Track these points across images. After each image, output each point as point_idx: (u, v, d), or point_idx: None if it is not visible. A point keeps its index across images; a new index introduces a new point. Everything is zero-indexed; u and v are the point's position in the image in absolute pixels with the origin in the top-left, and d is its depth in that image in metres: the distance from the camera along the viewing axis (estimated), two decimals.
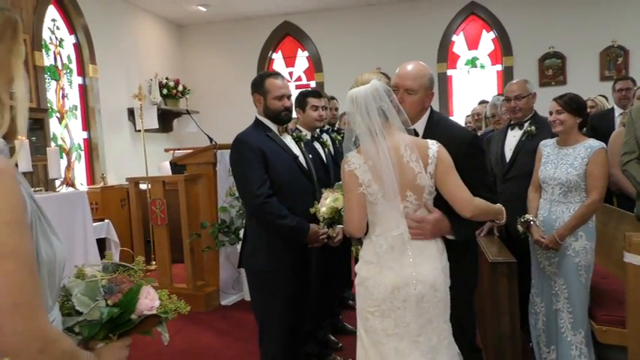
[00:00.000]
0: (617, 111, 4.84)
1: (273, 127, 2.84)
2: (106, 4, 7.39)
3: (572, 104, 2.97)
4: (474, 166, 2.22)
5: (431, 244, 2.13)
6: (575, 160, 2.93)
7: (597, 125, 4.47)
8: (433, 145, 2.09)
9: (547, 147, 3.12)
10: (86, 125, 7.16)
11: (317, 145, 3.66)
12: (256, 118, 2.90)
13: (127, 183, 5.49)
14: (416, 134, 2.25)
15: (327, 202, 2.49)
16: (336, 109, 4.89)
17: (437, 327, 2.11)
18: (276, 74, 2.92)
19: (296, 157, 2.83)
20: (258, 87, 2.84)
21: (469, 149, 2.23)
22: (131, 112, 7.69)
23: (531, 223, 3.05)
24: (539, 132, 3.34)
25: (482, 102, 6.61)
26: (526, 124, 3.47)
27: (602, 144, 2.97)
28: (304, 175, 2.85)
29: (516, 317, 3.01)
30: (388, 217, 2.08)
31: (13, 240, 0.90)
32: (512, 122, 3.59)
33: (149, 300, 1.25)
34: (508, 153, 3.51)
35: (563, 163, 2.98)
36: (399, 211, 2.07)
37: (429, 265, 2.09)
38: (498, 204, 2.25)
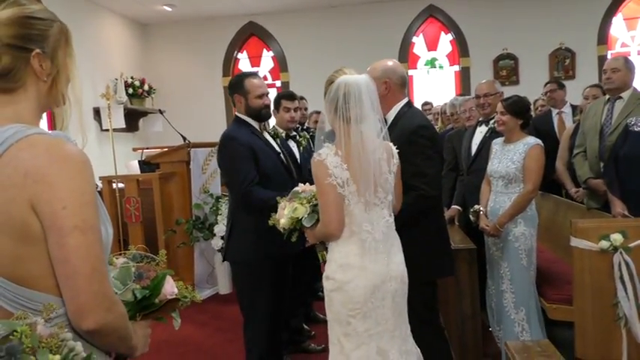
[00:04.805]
0: (554, 111, 5.21)
1: (255, 124, 2.98)
2: (69, 3, 7.30)
3: (514, 107, 3.24)
4: (414, 152, 2.35)
5: (396, 239, 2.20)
6: (515, 155, 3.20)
7: (537, 125, 4.82)
8: (394, 147, 2.20)
9: (496, 145, 3.40)
10: (52, 125, 7.10)
11: (291, 143, 3.83)
12: (237, 117, 3.01)
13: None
14: (386, 122, 2.36)
15: (286, 212, 2.31)
16: (306, 109, 5.07)
17: (405, 317, 2.21)
18: (254, 74, 3.05)
19: (278, 153, 2.99)
20: (238, 88, 2.96)
21: (411, 136, 2.38)
22: (97, 112, 7.61)
23: (480, 212, 3.33)
24: None
25: (426, 103, 7.08)
26: (492, 122, 3.73)
27: (538, 140, 3.24)
28: (285, 169, 3.01)
29: (476, 298, 3.29)
30: (362, 215, 2.10)
31: (93, 217, 1.07)
32: (480, 119, 3.89)
33: (170, 286, 1.43)
34: (474, 147, 3.80)
35: (505, 158, 3.25)
36: (374, 207, 2.12)
37: (397, 260, 2.17)
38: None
